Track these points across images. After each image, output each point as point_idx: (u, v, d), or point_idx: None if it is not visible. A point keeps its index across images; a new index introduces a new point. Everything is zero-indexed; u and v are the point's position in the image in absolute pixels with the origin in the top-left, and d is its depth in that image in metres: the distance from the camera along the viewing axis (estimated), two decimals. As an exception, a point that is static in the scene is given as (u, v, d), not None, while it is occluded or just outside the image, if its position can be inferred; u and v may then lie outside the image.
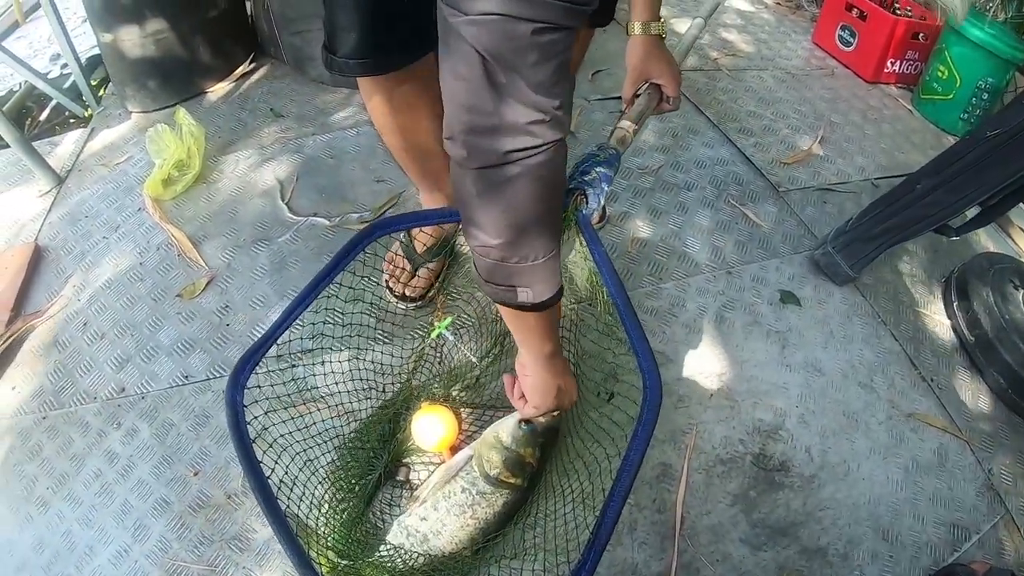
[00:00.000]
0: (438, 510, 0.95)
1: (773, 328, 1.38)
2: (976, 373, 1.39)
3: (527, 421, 0.96)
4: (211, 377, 1.22)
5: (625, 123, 0.94)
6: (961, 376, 1.38)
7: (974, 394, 1.35)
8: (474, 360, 1.18)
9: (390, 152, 1.20)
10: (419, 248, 1.31)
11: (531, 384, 0.91)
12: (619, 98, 1.08)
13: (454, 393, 1.16)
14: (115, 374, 1.23)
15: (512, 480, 0.95)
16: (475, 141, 0.61)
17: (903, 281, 1.54)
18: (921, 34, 2.11)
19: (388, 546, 0.94)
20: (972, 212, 1.38)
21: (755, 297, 1.43)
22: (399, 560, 0.92)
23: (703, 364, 1.30)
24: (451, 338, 1.18)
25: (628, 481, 0.70)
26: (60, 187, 1.64)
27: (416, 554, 0.93)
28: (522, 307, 0.76)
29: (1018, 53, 1.83)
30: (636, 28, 1.00)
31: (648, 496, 1.11)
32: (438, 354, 1.21)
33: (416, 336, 1.25)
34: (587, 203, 0.86)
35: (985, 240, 1.71)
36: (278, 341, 0.83)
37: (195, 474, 1.09)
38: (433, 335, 1.17)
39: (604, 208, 1.53)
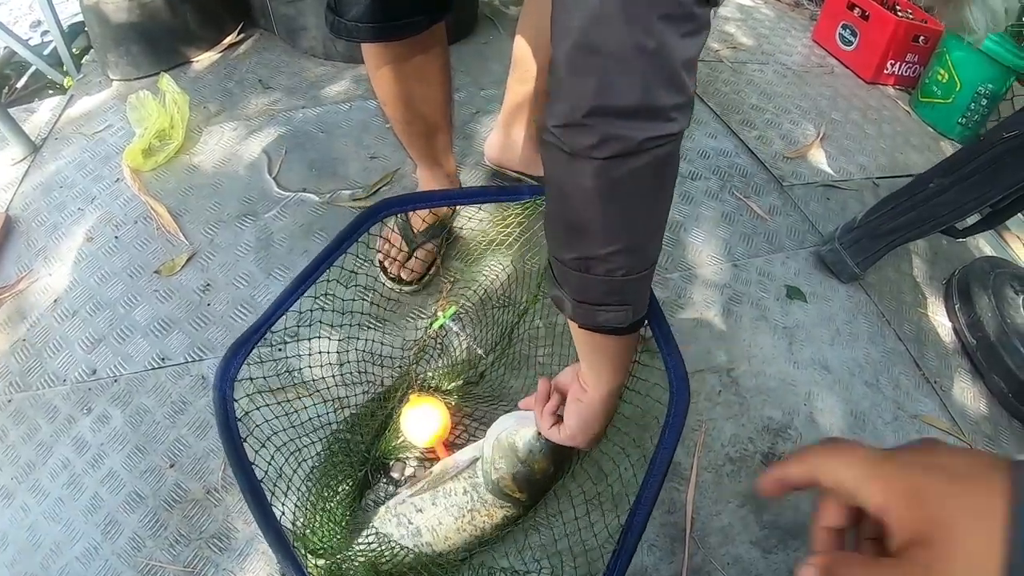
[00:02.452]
0: (436, 505, 0.87)
1: (780, 324, 1.34)
2: (977, 376, 1.37)
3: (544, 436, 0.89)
4: (189, 360, 1.14)
5: None
6: (963, 379, 1.36)
7: (975, 397, 1.34)
8: (480, 353, 1.10)
9: (391, 125, 1.13)
10: (416, 227, 1.23)
11: (579, 413, 0.79)
12: None
13: (453, 387, 1.09)
14: (86, 355, 1.14)
15: (517, 495, 0.87)
16: (610, 125, 0.50)
17: (905, 281, 1.52)
18: (921, 37, 2.11)
19: (373, 531, 0.87)
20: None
21: (762, 291, 1.39)
22: (385, 550, 0.85)
23: (711, 359, 1.25)
24: (455, 329, 1.11)
25: (656, 487, 0.67)
26: (35, 155, 1.53)
27: (406, 548, 0.86)
28: (616, 331, 0.66)
29: (1019, 61, 1.82)
30: None
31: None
32: (439, 345, 1.13)
33: (413, 323, 1.18)
34: None
35: (982, 243, 1.70)
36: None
37: (171, 466, 1.00)
38: (436, 325, 1.09)
39: None
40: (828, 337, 1.34)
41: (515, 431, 0.88)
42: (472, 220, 1.32)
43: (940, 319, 1.46)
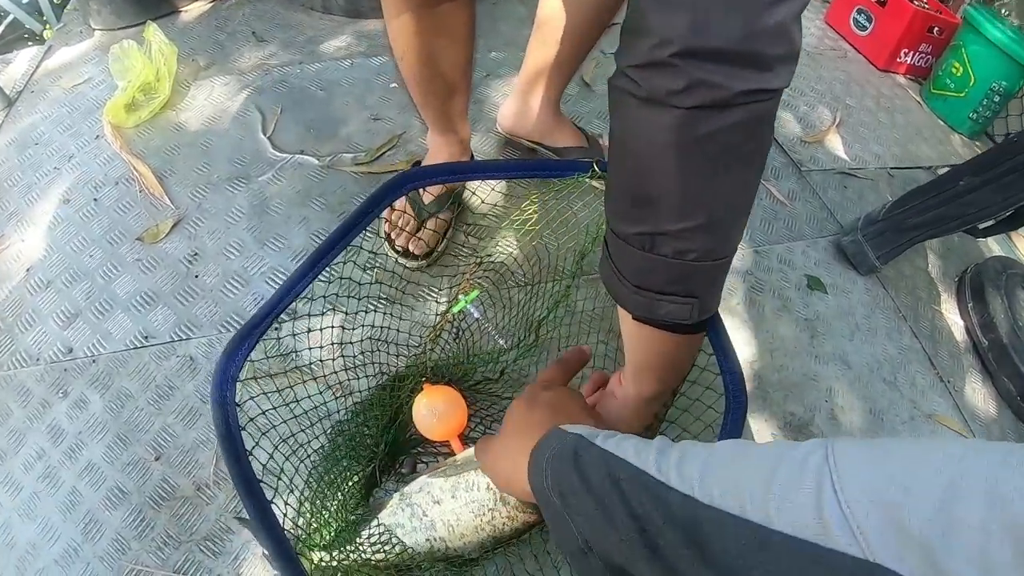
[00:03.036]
0: (456, 499, 0.78)
1: (802, 315, 1.29)
2: (988, 377, 1.35)
3: None
4: (176, 339, 1.04)
5: None
6: (974, 379, 1.34)
7: (986, 399, 1.31)
8: (503, 344, 1.01)
9: (406, 84, 1.02)
10: (426, 196, 1.14)
11: (605, 408, 0.72)
12: None
13: (469, 379, 1.00)
14: (62, 331, 1.03)
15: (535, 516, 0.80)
16: (702, 69, 0.42)
17: (920, 276, 1.48)
18: (936, 28, 2.06)
19: (381, 526, 0.78)
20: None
21: (783, 280, 1.34)
22: (395, 545, 0.77)
23: (736, 349, 1.19)
24: (476, 315, 1.01)
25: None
26: (9, 110, 1.40)
27: (416, 543, 0.78)
28: (675, 328, 0.58)
29: (1034, 61, 1.78)
30: None
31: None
32: (456, 331, 1.03)
33: (424, 304, 1.09)
34: None
35: (990, 241, 1.68)
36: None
37: (157, 459, 0.91)
38: (456, 309, 1.00)
39: None
40: (848, 331, 1.30)
41: None
42: (485, 190, 1.22)
43: (953, 317, 1.43)
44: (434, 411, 0.89)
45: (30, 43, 1.80)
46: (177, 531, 0.85)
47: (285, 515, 0.66)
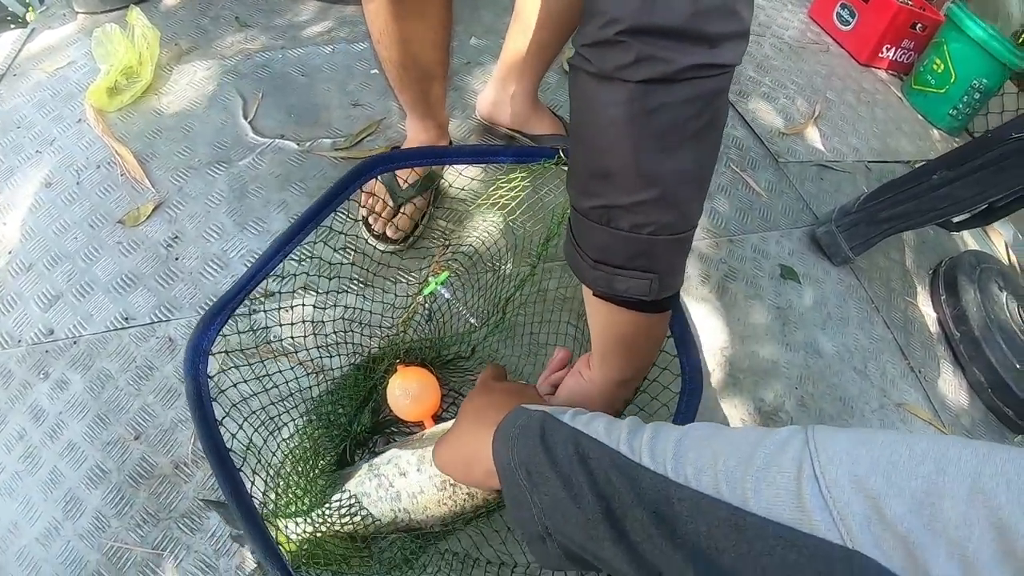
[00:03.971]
0: (421, 472, 0.79)
1: (774, 304, 1.32)
2: (959, 368, 1.38)
3: None
4: (156, 321, 1.05)
5: None
6: (945, 370, 1.37)
7: (956, 389, 1.35)
8: (474, 323, 1.03)
9: (384, 68, 1.03)
10: (403, 181, 1.15)
11: (571, 390, 0.72)
12: None
13: (442, 358, 1.02)
14: (43, 313, 1.04)
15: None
16: (649, 44, 0.44)
17: (894, 268, 1.51)
18: (919, 24, 2.08)
19: (348, 494, 0.79)
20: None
21: (756, 269, 1.37)
22: (362, 512, 0.78)
23: (706, 337, 1.22)
24: (447, 296, 1.03)
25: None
26: (-9, 94, 1.39)
27: (382, 516, 0.79)
28: (636, 305, 0.58)
29: (1015, 59, 1.81)
30: None
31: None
32: (428, 312, 1.06)
33: (395, 287, 1.10)
34: None
35: (966, 235, 1.71)
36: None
37: (136, 438, 0.92)
38: (426, 291, 1.01)
39: None
40: (820, 320, 1.33)
41: None
42: (462, 177, 1.24)
43: (926, 309, 1.46)
44: (408, 392, 0.91)
45: (12, 26, 1.78)
46: (156, 509, 0.86)
47: (253, 484, 0.67)
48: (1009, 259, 1.73)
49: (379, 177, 1.13)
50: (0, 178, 1.23)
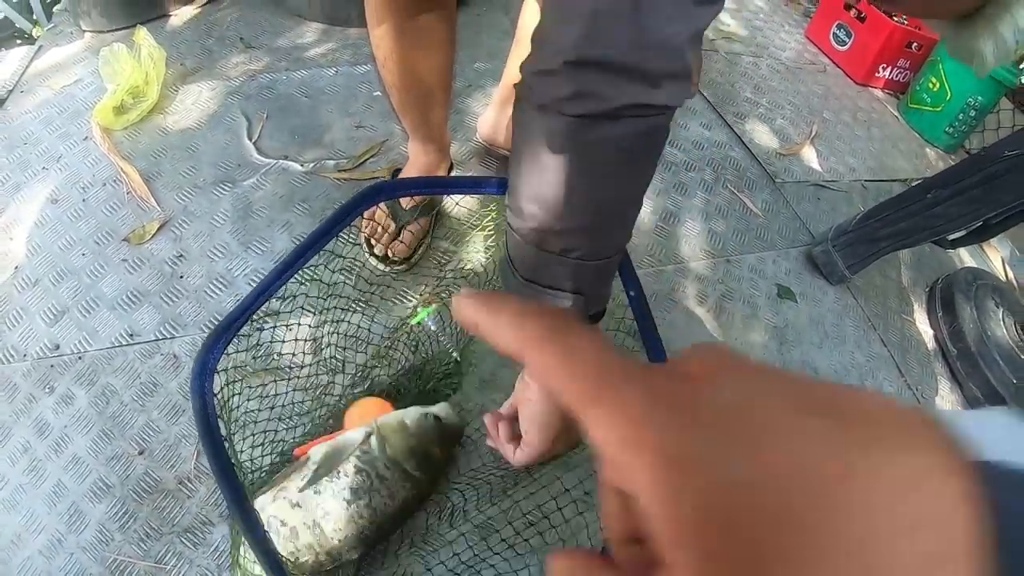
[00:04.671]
0: (320, 494, 0.75)
1: (771, 323, 1.33)
2: (956, 385, 1.39)
3: (437, 416, 0.84)
4: (160, 338, 1.06)
5: None
6: (942, 386, 1.38)
7: (953, 405, 1.35)
8: (456, 356, 1.02)
9: (387, 91, 1.05)
10: (405, 203, 1.17)
11: (531, 416, 0.69)
12: None
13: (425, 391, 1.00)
14: (48, 328, 1.05)
15: (416, 474, 0.80)
16: (587, 78, 0.45)
17: (891, 286, 1.53)
18: (915, 43, 2.11)
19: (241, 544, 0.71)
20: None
21: (753, 289, 1.38)
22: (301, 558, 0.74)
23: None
24: (433, 328, 1.01)
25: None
26: (-1, 110, 1.41)
27: (294, 556, 0.74)
28: None
29: (1011, 77, 1.84)
30: None
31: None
32: (414, 341, 1.03)
33: (396, 307, 1.11)
34: None
35: (963, 252, 1.72)
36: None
37: (140, 453, 0.93)
38: (414, 321, 1.01)
39: None
40: (817, 339, 1.34)
41: (403, 411, 0.84)
42: (464, 200, 1.26)
43: (923, 326, 1.47)
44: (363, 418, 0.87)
45: (19, 40, 1.81)
46: (159, 523, 0.87)
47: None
48: (1006, 276, 1.74)
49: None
50: (7, 194, 1.24)
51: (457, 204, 1.29)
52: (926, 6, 0.49)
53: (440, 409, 0.86)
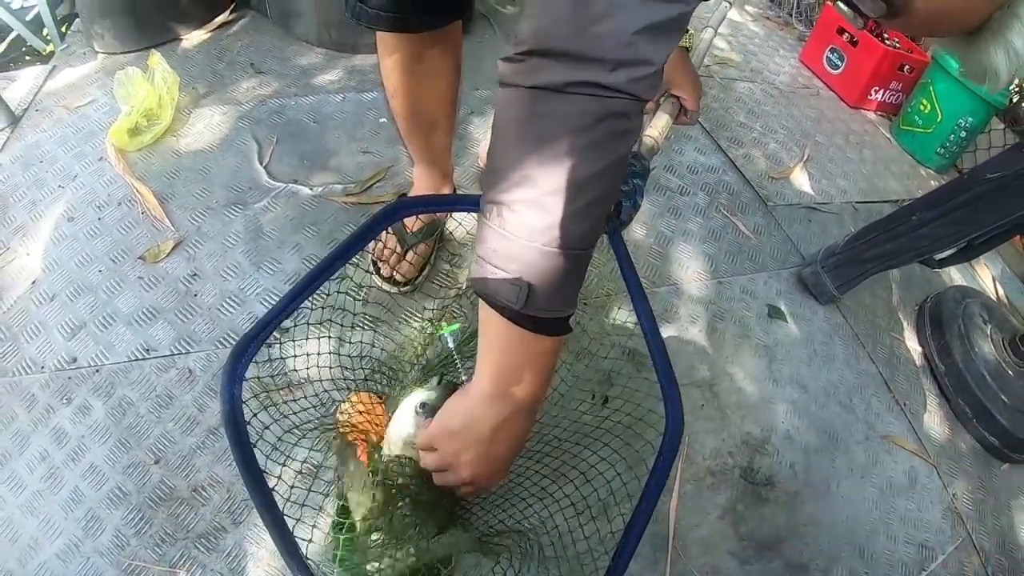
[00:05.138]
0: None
1: (761, 342, 1.37)
2: (944, 400, 1.43)
3: (423, 404, 0.82)
4: (175, 353, 1.11)
5: (653, 133, 0.91)
6: (931, 402, 1.42)
7: (942, 420, 1.39)
8: (464, 379, 1.04)
9: (394, 118, 1.11)
10: (410, 227, 1.23)
11: (448, 405, 0.68)
12: None
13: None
14: (66, 342, 1.10)
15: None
16: (543, 61, 0.50)
17: (880, 305, 1.57)
18: (907, 66, 2.16)
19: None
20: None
21: (744, 309, 1.42)
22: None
23: (695, 373, 1.28)
24: (451, 345, 1.03)
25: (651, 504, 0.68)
26: (14, 127, 1.46)
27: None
28: (502, 310, 0.57)
29: (1000, 97, 1.89)
30: None
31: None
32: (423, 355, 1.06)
33: (403, 327, 1.16)
34: (619, 215, 0.80)
35: (952, 270, 1.76)
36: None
37: (156, 462, 0.98)
38: (436, 333, 1.04)
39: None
40: (806, 357, 1.38)
41: (395, 426, 0.84)
42: (465, 223, 1.31)
43: (911, 344, 1.51)
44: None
45: (28, 57, 1.85)
46: (174, 529, 0.91)
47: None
48: (997, 293, 1.78)
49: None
50: (24, 210, 1.29)
51: (460, 225, 1.35)
52: (931, 24, 0.51)
53: (425, 395, 0.85)
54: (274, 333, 0.72)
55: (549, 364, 0.64)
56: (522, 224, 0.52)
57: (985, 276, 1.81)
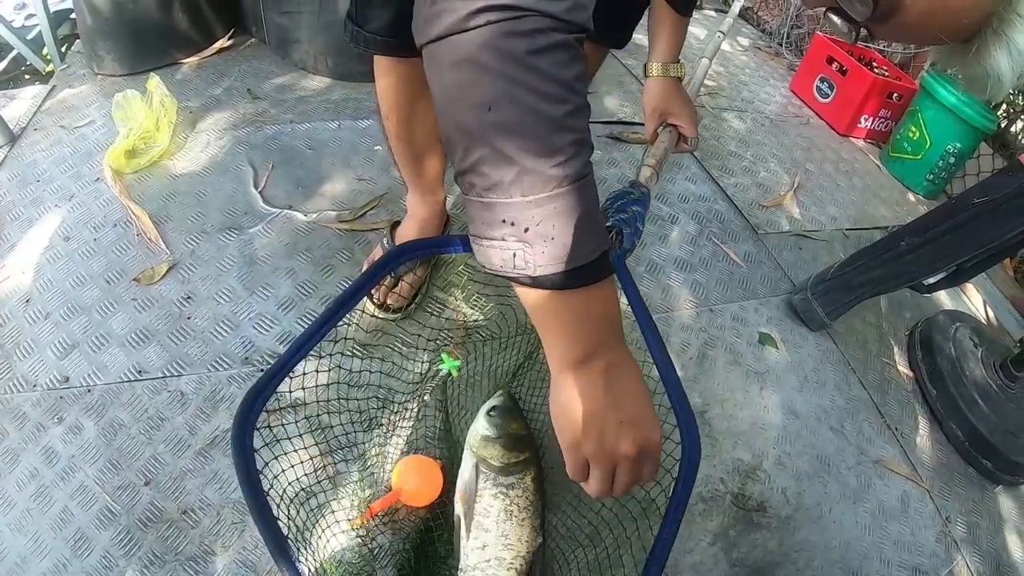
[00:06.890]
0: (490, 531, 0.85)
1: (752, 369, 1.38)
2: (936, 424, 1.43)
3: (492, 407, 0.92)
4: (168, 375, 1.11)
5: (652, 162, 0.93)
6: (922, 426, 1.42)
7: (934, 444, 1.40)
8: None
9: (388, 142, 1.12)
10: None
11: (558, 406, 0.59)
12: (607, 122, 1.03)
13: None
14: (58, 361, 1.10)
15: (523, 456, 0.90)
16: (435, 4, 0.46)
17: (870, 331, 1.58)
18: (895, 94, 2.21)
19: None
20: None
21: (735, 337, 1.43)
22: None
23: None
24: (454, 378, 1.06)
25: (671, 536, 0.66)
26: (12, 146, 1.48)
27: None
28: (517, 279, 0.52)
29: (988, 123, 1.93)
30: (655, 69, 1.01)
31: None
32: (439, 401, 1.08)
33: (395, 354, 1.15)
34: (622, 243, 0.81)
35: (942, 294, 1.78)
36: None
37: (146, 484, 0.97)
38: (441, 368, 1.05)
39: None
40: (797, 383, 1.39)
41: (472, 428, 0.92)
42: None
43: (902, 368, 1.52)
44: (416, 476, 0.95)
45: (28, 76, 1.88)
46: (163, 551, 0.91)
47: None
48: (987, 317, 1.79)
49: (382, 249, 1.25)
50: (19, 228, 1.30)
51: (453, 256, 1.35)
52: (925, 25, 0.48)
53: (495, 400, 0.95)
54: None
55: (603, 306, 0.57)
56: (494, 183, 0.48)
57: (975, 299, 1.83)
